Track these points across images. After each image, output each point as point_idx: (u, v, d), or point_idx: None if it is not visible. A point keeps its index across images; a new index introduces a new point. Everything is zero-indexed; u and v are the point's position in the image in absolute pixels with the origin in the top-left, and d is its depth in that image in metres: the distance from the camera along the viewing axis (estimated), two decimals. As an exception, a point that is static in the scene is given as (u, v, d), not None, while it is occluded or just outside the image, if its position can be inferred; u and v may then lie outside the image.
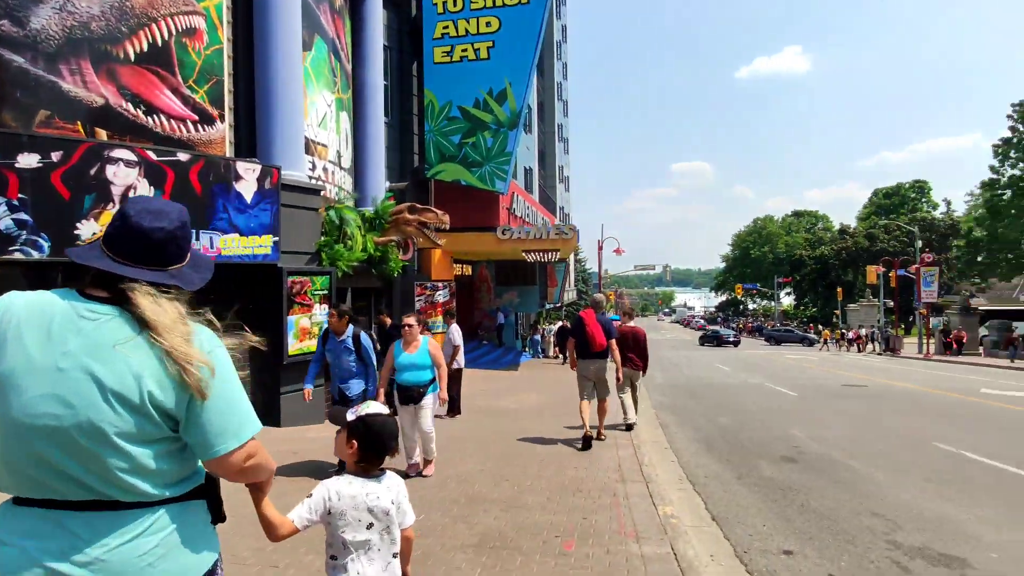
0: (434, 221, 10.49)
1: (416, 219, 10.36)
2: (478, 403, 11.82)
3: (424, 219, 10.47)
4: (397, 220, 10.42)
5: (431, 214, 10.50)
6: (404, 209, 10.50)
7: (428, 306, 19.04)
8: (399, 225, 10.42)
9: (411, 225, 10.38)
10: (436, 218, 10.49)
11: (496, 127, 18.20)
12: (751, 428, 9.57)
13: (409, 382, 5.83)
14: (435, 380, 5.94)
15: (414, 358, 5.82)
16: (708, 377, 19.54)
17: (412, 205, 10.65)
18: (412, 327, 5.88)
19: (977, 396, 14.29)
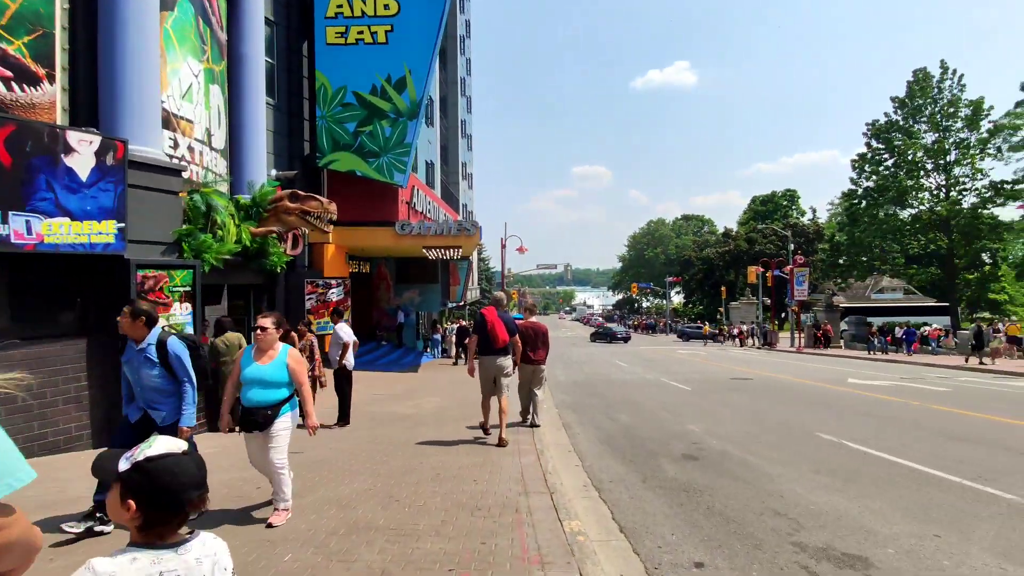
0: (318, 210, 9.52)
1: (298, 207, 9.33)
2: (373, 409, 10.96)
3: (307, 208, 9.47)
4: (277, 209, 9.33)
5: (315, 202, 9.51)
6: (285, 197, 9.42)
7: (320, 305, 17.71)
8: (279, 214, 9.33)
9: (293, 214, 9.34)
10: (321, 207, 9.53)
11: (395, 116, 17.28)
12: (651, 425, 9.55)
13: (254, 402, 4.53)
14: (290, 400, 4.70)
15: (264, 371, 4.56)
16: (608, 374, 19.85)
17: (294, 192, 9.59)
18: (266, 331, 4.62)
19: (846, 386, 15.53)
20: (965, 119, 38.69)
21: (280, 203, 9.29)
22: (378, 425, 9.29)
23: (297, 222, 9.54)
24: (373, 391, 13.73)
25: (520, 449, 7.10)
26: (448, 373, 18.29)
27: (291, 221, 9.46)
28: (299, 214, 9.32)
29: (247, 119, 11.26)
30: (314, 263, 17.98)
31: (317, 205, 9.51)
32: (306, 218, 9.37)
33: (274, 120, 17.02)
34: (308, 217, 9.37)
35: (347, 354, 8.83)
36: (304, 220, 9.42)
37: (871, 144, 42.14)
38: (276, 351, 4.68)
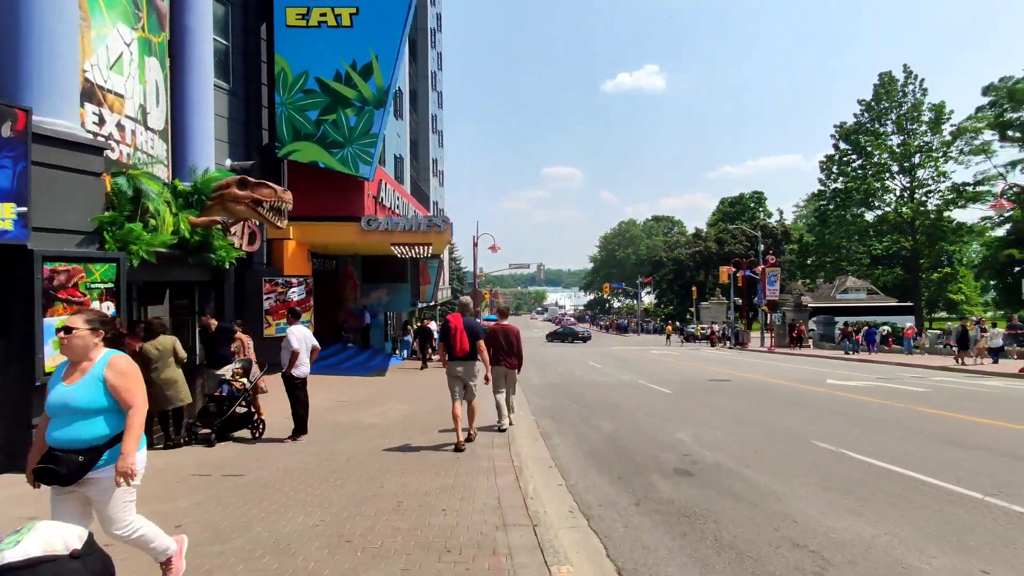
0: (271, 199, 8.52)
1: (248, 196, 8.32)
2: (334, 418, 10.02)
3: (259, 196, 8.46)
4: (224, 197, 8.30)
5: (267, 190, 8.52)
6: (232, 183, 8.41)
7: (280, 305, 16.58)
8: (226, 203, 8.31)
9: (242, 203, 8.33)
10: (275, 195, 8.54)
11: (360, 104, 16.28)
12: (636, 433, 8.87)
13: (60, 442, 3.02)
14: (116, 442, 3.08)
15: (70, 395, 3.05)
16: (583, 375, 19.21)
17: (243, 178, 8.57)
18: (72, 334, 3.06)
19: (825, 387, 15.18)
20: (928, 123, 39.47)
21: (227, 190, 8.26)
22: (338, 437, 8.37)
23: (247, 212, 8.52)
24: (336, 397, 12.76)
25: (496, 467, 6.30)
26: (417, 377, 17.38)
27: (240, 211, 8.45)
28: (249, 203, 8.32)
29: (192, 99, 10.18)
30: (273, 260, 16.85)
31: (270, 193, 8.52)
32: (258, 208, 8.38)
33: (229, 106, 15.84)
34: (260, 208, 8.38)
35: (297, 361, 7.88)
36: (255, 211, 8.42)
37: (839, 146, 42.70)
38: (92, 362, 3.12)
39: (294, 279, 16.93)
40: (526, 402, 12.61)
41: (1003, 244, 42.83)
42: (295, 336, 7.89)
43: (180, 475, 5.98)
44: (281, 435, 8.27)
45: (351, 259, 24.29)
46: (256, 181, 8.57)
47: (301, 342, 7.96)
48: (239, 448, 7.55)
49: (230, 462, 6.69)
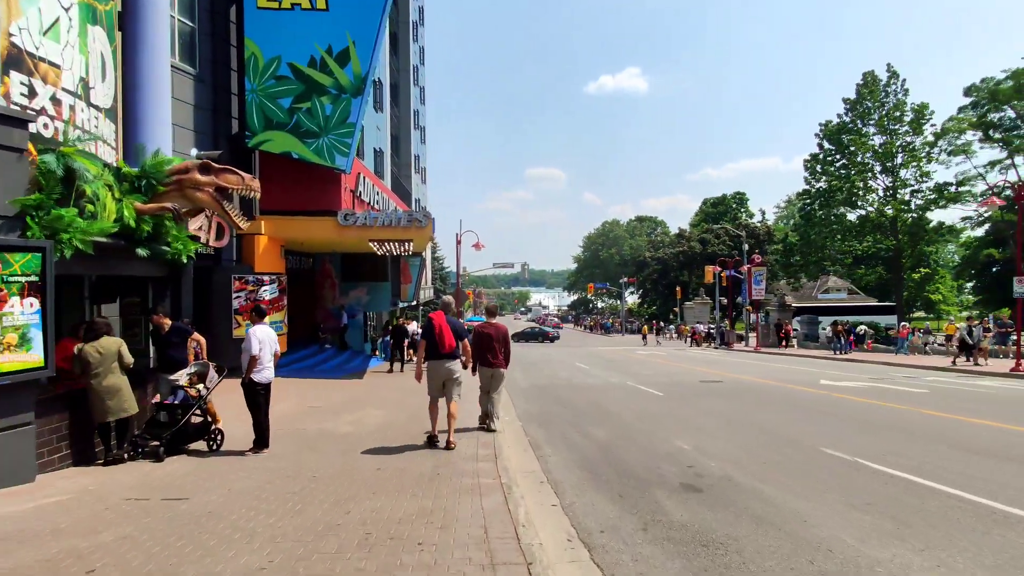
0: (238, 187, 7.66)
1: (211, 182, 7.44)
2: (303, 426, 9.19)
3: (223, 183, 7.59)
4: (182, 183, 7.42)
5: (234, 176, 7.65)
6: (193, 168, 7.51)
7: (251, 304, 15.61)
8: (185, 190, 7.43)
9: (203, 191, 7.45)
10: (241, 183, 7.67)
11: (337, 92, 15.41)
12: (632, 442, 8.19)
13: None
14: None
15: None
16: (570, 378, 18.54)
17: (205, 162, 7.66)
18: None
19: (821, 388, 14.69)
20: (910, 123, 39.60)
21: (187, 176, 7.37)
22: (306, 448, 7.56)
23: (209, 202, 7.62)
24: (309, 402, 11.91)
25: (481, 485, 5.56)
26: (396, 380, 16.55)
27: (201, 199, 7.55)
28: (213, 192, 7.44)
29: (146, 78, 9.27)
30: (244, 257, 15.91)
31: (237, 181, 7.64)
32: (221, 198, 7.51)
33: (195, 92, 14.87)
34: (225, 197, 7.50)
35: (257, 366, 7.05)
36: (219, 201, 7.54)
37: (823, 145, 42.70)
38: None
39: (266, 277, 16.00)
40: (512, 407, 11.89)
41: (982, 244, 43.23)
42: (255, 337, 7.06)
43: (112, 499, 5.14)
44: (242, 447, 7.43)
45: (329, 257, 23.35)
46: (221, 167, 7.71)
47: (262, 344, 7.12)
48: (191, 464, 6.70)
49: (176, 482, 5.85)
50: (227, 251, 15.48)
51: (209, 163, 7.65)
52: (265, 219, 16.01)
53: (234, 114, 15.75)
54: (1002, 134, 37.38)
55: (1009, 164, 37.53)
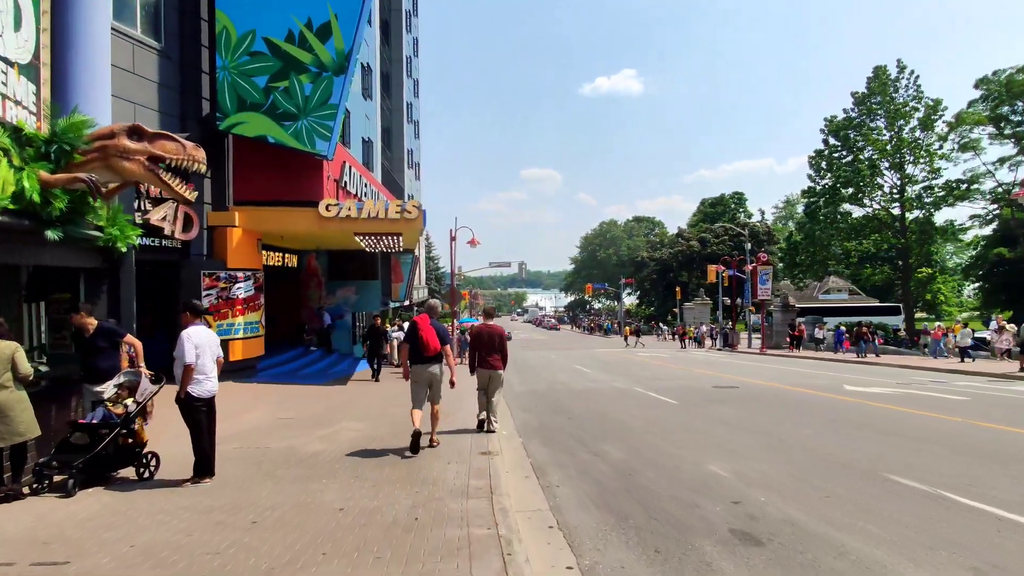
0: (177, 156, 6.24)
1: (143, 150, 6.03)
2: (268, 443, 7.83)
3: (158, 151, 6.19)
4: (107, 150, 6.02)
5: (171, 143, 6.23)
6: (120, 132, 6.09)
7: (223, 303, 14.25)
8: (110, 159, 6.02)
9: (133, 160, 6.05)
10: (181, 151, 6.26)
11: (317, 70, 14.03)
12: (655, 465, 6.84)
13: None
14: None
15: None
16: (571, 382, 17.21)
17: (135, 126, 6.22)
18: None
19: (849, 395, 13.39)
20: (921, 119, 38.47)
21: (113, 141, 5.96)
22: (259, 476, 6.19)
23: (141, 174, 6.20)
24: (281, 413, 10.53)
25: (472, 538, 4.19)
26: (381, 388, 15.16)
27: (130, 171, 6.13)
28: (145, 161, 6.03)
29: (78, 37, 7.86)
30: (215, 251, 14.51)
31: (175, 149, 6.23)
32: (156, 170, 6.10)
33: (160, 69, 13.47)
34: (160, 168, 6.11)
35: (191, 378, 5.66)
36: (154, 172, 6.13)
37: (828, 141, 41.55)
38: None
39: (240, 273, 14.62)
40: (510, 417, 10.54)
41: (991, 243, 42.14)
42: (189, 342, 5.66)
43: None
44: (183, 474, 6.06)
45: (315, 254, 21.96)
46: (154, 132, 6.31)
47: (200, 349, 5.73)
48: (105, 500, 5.33)
49: (71, 531, 4.48)
50: (196, 244, 14.09)
51: (141, 127, 6.24)
52: (239, 210, 14.63)
53: (205, 95, 14.36)
54: (1012, 129, 36.28)
55: (1021, 160, 36.44)
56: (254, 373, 15.51)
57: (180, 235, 13.42)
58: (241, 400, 11.94)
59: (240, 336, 14.54)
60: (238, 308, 14.52)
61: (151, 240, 12.95)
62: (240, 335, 14.54)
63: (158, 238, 13.03)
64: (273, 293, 20.93)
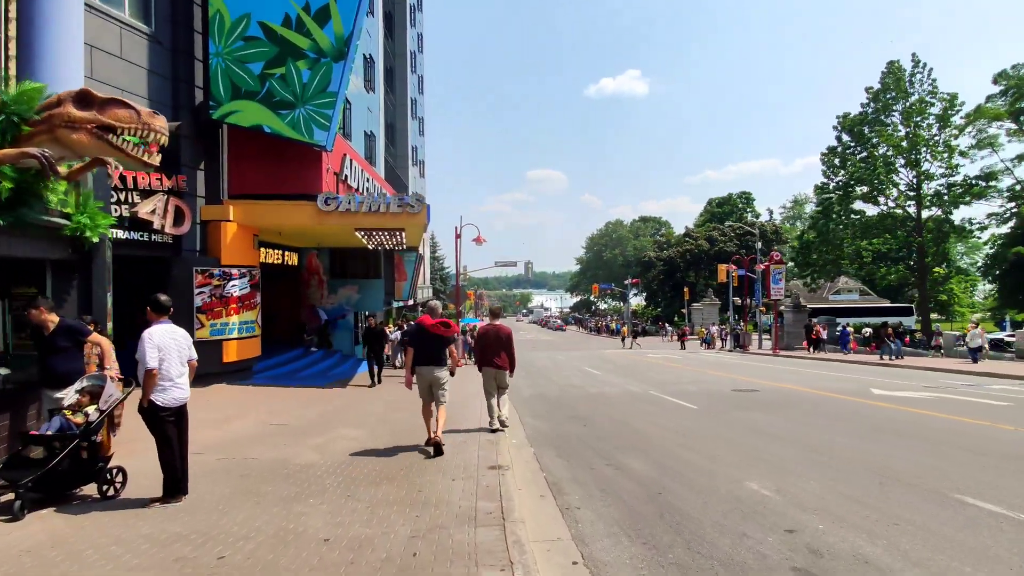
0: (130, 124, 5.45)
1: (91, 118, 5.29)
2: (255, 454, 7.09)
3: (109, 120, 5.41)
4: (52, 120, 5.28)
5: (124, 111, 5.43)
6: (67, 99, 5.35)
7: (217, 301, 13.54)
8: (56, 129, 5.29)
9: (83, 131, 5.31)
10: (135, 119, 5.48)
11: (315, 56, 13.32)
12: (689, 482, 6.05)
13: None
14: None
15: None
16: (583, 385, 16.42)
17: (83, 91, 5.48)
18: None
19: (880, 400, 12.54)
20: (938, 115, 37.46)
21: (59, 111, 5.23)
22: (239, 494, 5.45)
23: (91, 146, 5.44)
24: (274, 418, 9.80)
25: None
26: (382, 391, 14.42)
27: (81, 143, 5.39)
28: (95, 131, 5.29)
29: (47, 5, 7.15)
30: (209, 247, 13.81)
31: (129, 117, 5.46)
32: (107, 138, 5.37)
33: (150, 55, 12.78)
34: (111, 137, 5.37)
35: (153, 384, 4.91)
36: (105, 141, 5.39)
37: (841, 138, 40.55)
38: None
39: (235, 270, 13.91)
40: (520, 425, 9.78)
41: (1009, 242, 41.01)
42: (151, 342, 4.90)
43: None
44: (153, 491, 5.32)
45: (316, 252, 21.28)
46: (106, 97, 5.54)
47: (164, 351, 4.97)
48: (57, 525, 4.60)
49: (3, 567, 3.73)
50: (189, 240, 13.39)
51: (89, 92, 5.47)
52: (234, 204, 13.93)
53: (198, 83, 13.67)
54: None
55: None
56: (250, 375, 14.80)
57: (171, 229, 12.73)
58: (233, 404, 11.22)
59: (235, 336, 13.83)
60: (232, 307, 13.80)
61: (140, 235, 12.28)
62: (235, 335, 13.82)
63: (147, 232, 12.35)
64: (273, 292, 20.25)
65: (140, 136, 5.52)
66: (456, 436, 8.01)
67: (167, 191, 12.63)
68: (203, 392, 12.35)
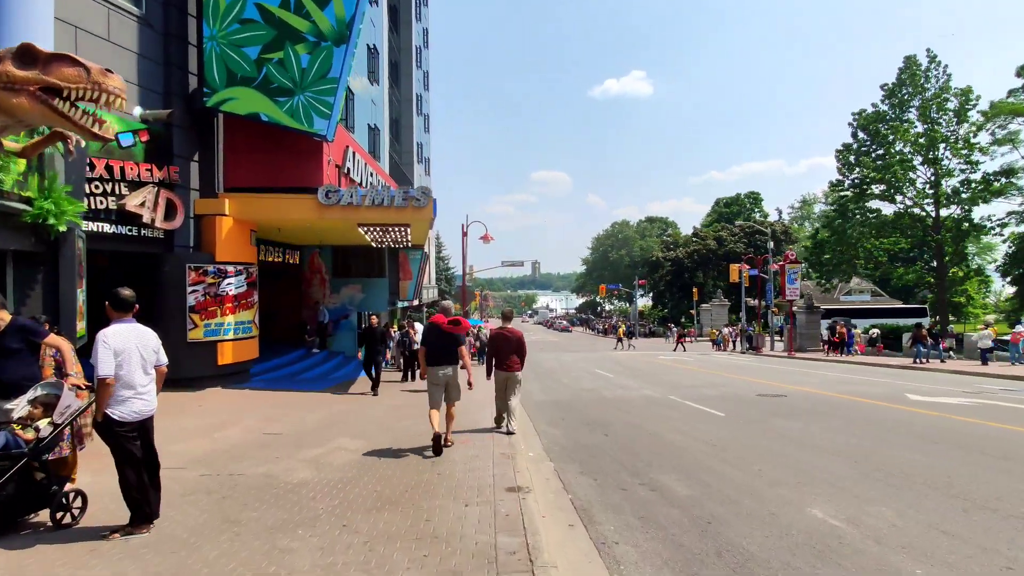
0: (78, 84, 4.58)
1: (34, 79, 4.48)
2: (243, 469, 6.31)
3: (54, 80, 4.57)
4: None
5: (71, 70, 4.54)
6: (6, 56, 4.53)
7: (211, 300, 12.78)
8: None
9: (23, 93, 4.50)
10: (83, 78, 4.60)
11: (316, 40, 12.56)
12: (739, 508, 5.23)
13: None
14: None
15: None
16: (598, 389, 15.60)
17: (24, 46, 4.64)
18: None
19: (919, 406, 11.67)
20: (954, 111, 36.47)
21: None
22: (217, 523, 4.66)
23: (33, 111, 4.59)
24: (268, 426, 9.02)
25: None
26: (386, 397, 13.64)
27: (22, 108, 4.55)
28: (38, 93, 4.48)
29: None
30: (203, 242, 13.07)
31: (76, 75, 4.60)
32: (52, 103, 4.56)
33: (140, 39, 12.05)
34: (57, 102, 4.56)
35: (108, 395, 4.12)
36: (49, 107, 4.57)
37: (856, 135, 39.59)
38: None
39: (231, 267, 13.15)
40: (536, 435, 8.96)
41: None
42: (106, 344, 4.11)
43: None
44: (119, 515, 4.55)
45: (319, 250, 20.52)
46: (51, 53, 4.74)
47: (123, 355, 4.18)
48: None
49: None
50: (181, 235, 12.65)
51: (31, 47, 4.65)
52: (230, 197, 13.18)
53: (192, 69, 12.93)
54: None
55: (1065, 153, 34.30)
56: (247, 378, 14.03)
57: (161, 224, 11.99)
58: (226, 410, 10.45)
59: (230, 337, 13.06)
60: (228, 306, 13.04)
61: (128, 229, 11.53)
62: (230, 336, 13.06)
63: (136, 226, 11.61)
64: (274, 291, 19.51)
65: (91, 98, 4.70)
66: (467, 449, 7.21)
67: (158, 183, 11.89)
68: (196, 397, 11.59)
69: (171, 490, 5.64)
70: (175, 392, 11.87)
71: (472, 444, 7.51)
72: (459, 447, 7.30)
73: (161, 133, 12.13)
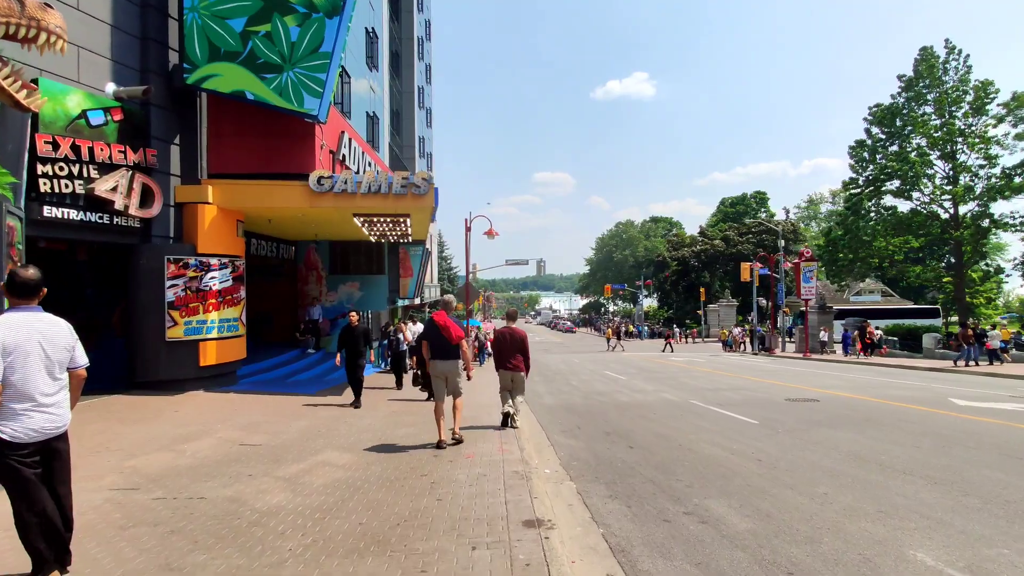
0: (10, 18, 3.60)
1: None
2: (204, 492, 5.24)
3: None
4: None
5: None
6: None
7: (193, 295, 11.71)
8: None
9: None
10: (14, 11, 3.61)
11: (306, 10, 11.51)
12: (819, 549, 4.14)
13: None
14: None
15: None
16: (608, 392, 14.51)
17: None
18: None
19: (973, 413, 10.55)
20: (972, 103, 35.26)
21: None
22: (154, 571, 3.57)
23: None
24: (248, 435, 7.95)
25: None
26: (381, 403, 12.57)
27: None
28: None
29: None
30: (184, 233, 12.01)
31: (5, 7, 3.59)
32: None
33: (114, 9, 10.98)
34: None
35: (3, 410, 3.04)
36: None
37: (870, 131, 38.39)
38: None
39: (214, 259, 12.08)
40: (550, 447, 7.87)
41: (1050, 239, 38.62)
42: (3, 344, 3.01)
43: None
44: (20, 565, 3.46)
45: (315, 245, 19.48)
46: None
47: (15, 353, 3.08)
48: None
49: None
50: (160, 224, 11.59)
51: None
52: (214, 184, 12.13)
53: (172, 44, 11.90)
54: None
55: (1089, 147, 33.06)
56: (233, 380, 12.97)
57: (137, 211, 10.94)
58: (203, 417, 9.38)
59: (214, 336, 12.00)
60: (211, 302, 11.99)
61: (98, 216, 10.47)
62: (214, 335, 12.00)
63: (108, 214, 10.56)
64: (267, 288, 18.47)
65: (26, 37, 3.65)
66: (472, 467, 6.12)
67: (132, 166, 10.85)
68: (173, 401, 10.54)
69: (111, 520, 4.59)
70: (151, 396, 10.82)
71: (477, 460, 6.42)
72: (463, 464, 6.22)
73: (137, 112, 11.08)
